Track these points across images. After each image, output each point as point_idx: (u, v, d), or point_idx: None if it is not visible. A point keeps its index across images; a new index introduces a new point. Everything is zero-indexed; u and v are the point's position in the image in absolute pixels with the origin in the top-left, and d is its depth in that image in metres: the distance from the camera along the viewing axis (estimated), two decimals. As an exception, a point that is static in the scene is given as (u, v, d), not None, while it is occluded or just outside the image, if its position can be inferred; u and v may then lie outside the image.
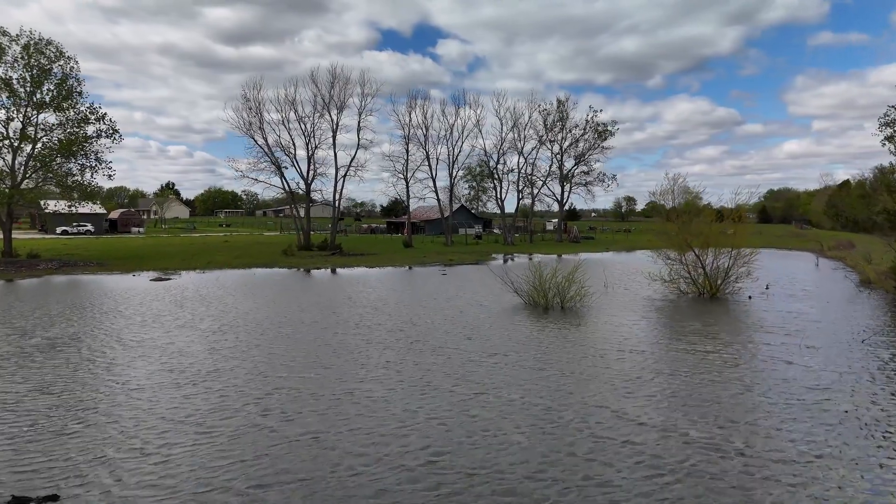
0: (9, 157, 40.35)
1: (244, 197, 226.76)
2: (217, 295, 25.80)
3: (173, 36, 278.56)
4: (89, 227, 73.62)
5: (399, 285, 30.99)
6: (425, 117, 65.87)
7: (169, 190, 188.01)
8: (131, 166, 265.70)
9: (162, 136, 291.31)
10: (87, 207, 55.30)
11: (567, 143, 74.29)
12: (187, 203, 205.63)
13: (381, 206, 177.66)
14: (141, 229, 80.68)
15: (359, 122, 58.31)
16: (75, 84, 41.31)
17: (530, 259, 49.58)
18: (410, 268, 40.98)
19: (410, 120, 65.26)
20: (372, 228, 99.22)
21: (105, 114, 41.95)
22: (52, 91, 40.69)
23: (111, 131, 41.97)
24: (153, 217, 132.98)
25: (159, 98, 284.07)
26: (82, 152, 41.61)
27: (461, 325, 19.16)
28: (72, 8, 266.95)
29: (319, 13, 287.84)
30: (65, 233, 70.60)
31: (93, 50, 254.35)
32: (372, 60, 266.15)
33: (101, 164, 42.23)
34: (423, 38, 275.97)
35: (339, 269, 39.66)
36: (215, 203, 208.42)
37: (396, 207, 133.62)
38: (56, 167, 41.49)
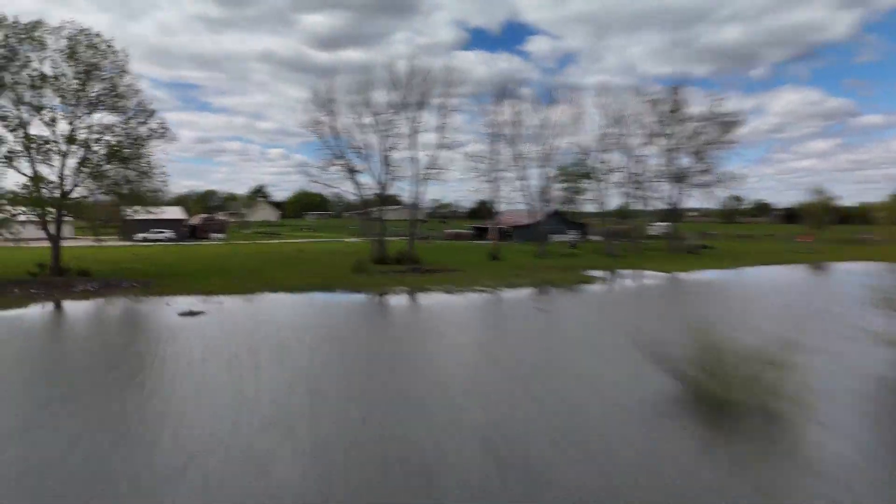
0: (57, 164, 36.59)
1: (331, 199, 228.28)
2: (235, 351, 19.20)
3: (272, 43, 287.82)
4: (168, 233, 71.61)
5: (482, 336, 23.37)
6: (516, 114, 58.42)
7: (258, 193, 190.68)
8: (233, 170, 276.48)
9: (261, 139, 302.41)
10: (166, 213, 52.19)
11: (682, 138, 64.04)
12: (277, 205, 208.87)
13: (468, 208, 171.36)
14: (222, 235, 78.28)
15: (443, 121, 51.64)
16: (129, 82, 37.11)
17: (645, 278, 40.76)
18: (498, 295, 33.42)
19: (498, 118, 57.97)
20: (457, 234, 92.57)
21: (154, 111, 37.55)
22: (106, 89, 36.60)
23: (162, 131, 37.48)
24: (239, 220, 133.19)
25: (258, 103, 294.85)
26: (136, 157, 37.36)
27: (587, 452, 11.39)
28: (181, 20, 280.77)
29: (409, 15, 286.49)
30: (144, 240, 68.73)
31: (199, 59, 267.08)
32: (461, 61, 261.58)
33: (153, 169, 37.88)
34: (512, 35, 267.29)
35: (412, 296, 32.80)
36: (304, 205, 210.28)
37: (483, 210, 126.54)
38: (110, 173, 37.40)
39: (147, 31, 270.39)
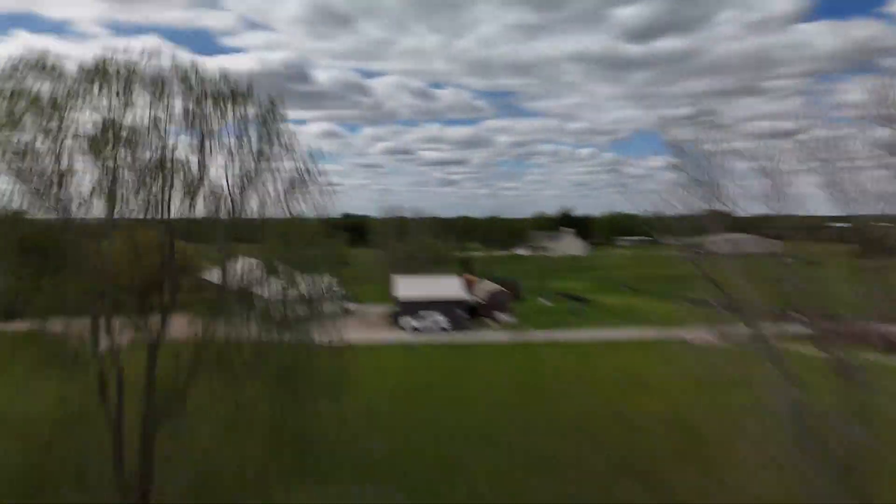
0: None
1: (649, 216, 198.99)
2: None
3: (583, 42, 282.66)
4: (440, 319, 56.49)
5: None
6: (879, 91, 27.83)
7: (563, 221, 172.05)
8: (547, 171, 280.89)
9: (571, 140, 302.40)
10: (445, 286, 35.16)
11: None
12: (582, 226, 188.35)
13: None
14: (506, 316, 60.24)
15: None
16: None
17: None
18: None
19: (854, 97, 27.99)
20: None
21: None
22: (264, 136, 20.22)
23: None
24: (539, 253, 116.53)
25: (569, 104, 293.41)
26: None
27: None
28: (500, 31, 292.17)
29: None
30: (415, 331, 54.82)
31: (514, 67, 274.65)
32: (800, 34, 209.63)
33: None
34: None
35: None
36: (615, 226, 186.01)
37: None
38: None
39: (470, 45, 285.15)
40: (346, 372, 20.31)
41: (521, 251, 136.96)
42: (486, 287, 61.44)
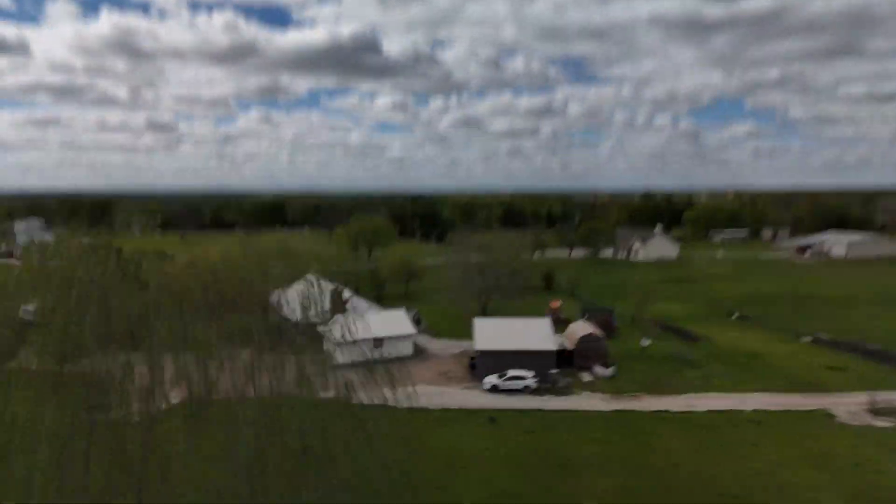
0: None
1: (749, 203, 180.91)
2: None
3: (661, 4, 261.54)
4: (528, 380, 46.48)
5: None
6: None
7: (640, 203, 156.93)
8: (620, 142, 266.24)
9: (647, 108, 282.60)
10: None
11: None
12: (672, 215, 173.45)
13: None
14: (602, 369, 50.99)
15: None
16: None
17: None
18: None
19: None
20: None
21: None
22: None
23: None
24: (625, 257, 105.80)
25: (646, 70, 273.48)
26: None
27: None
28: None
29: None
30: (495, 390, 47.16)
31: (588, 32, 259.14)
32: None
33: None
34: None
35: None
36: (710, 217, 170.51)
37: None
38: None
39: (541, 10, 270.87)
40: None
41: (605, 254, 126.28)
42: (578, 331, 53.00)
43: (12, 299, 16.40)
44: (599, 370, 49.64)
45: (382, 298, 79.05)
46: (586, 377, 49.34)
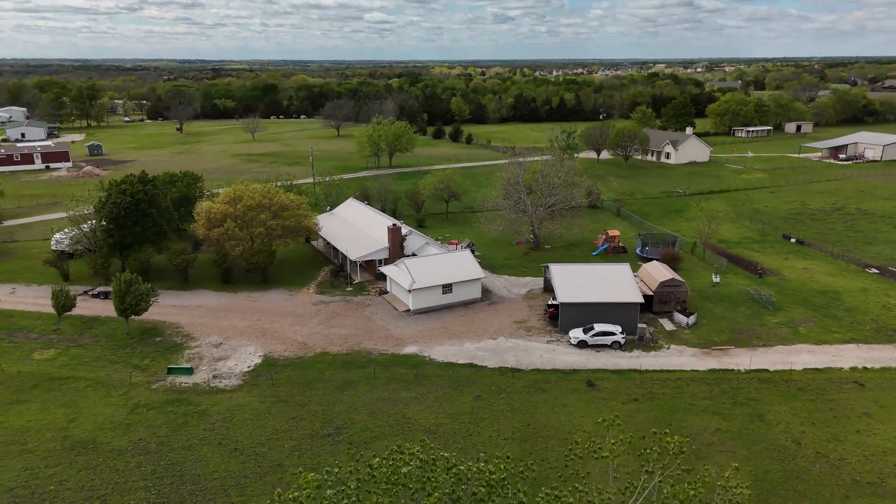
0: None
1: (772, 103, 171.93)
2: None
3: None
4: (617, 336, 45.37)
5: None
6: None
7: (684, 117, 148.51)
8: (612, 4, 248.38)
9: None
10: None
11: None
12: (693, 112, 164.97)
13: None
14: (685, 317, 48.34)
15: None
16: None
17: None
18: None
19: None
20: None
21: None
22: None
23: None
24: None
25: None
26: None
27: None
28: None
29: None
30: (581, 345, 45.55)
31: None
32: None
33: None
34: None
35: None
36: (737, 116, 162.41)
37: None
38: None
39: None
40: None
41: (639, 157, 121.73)
42: (657, 274, 50.48)
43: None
44: (681, 318, 48.04)
45: (424, 221, 75.90)
46: (668, 325, 47.87)
